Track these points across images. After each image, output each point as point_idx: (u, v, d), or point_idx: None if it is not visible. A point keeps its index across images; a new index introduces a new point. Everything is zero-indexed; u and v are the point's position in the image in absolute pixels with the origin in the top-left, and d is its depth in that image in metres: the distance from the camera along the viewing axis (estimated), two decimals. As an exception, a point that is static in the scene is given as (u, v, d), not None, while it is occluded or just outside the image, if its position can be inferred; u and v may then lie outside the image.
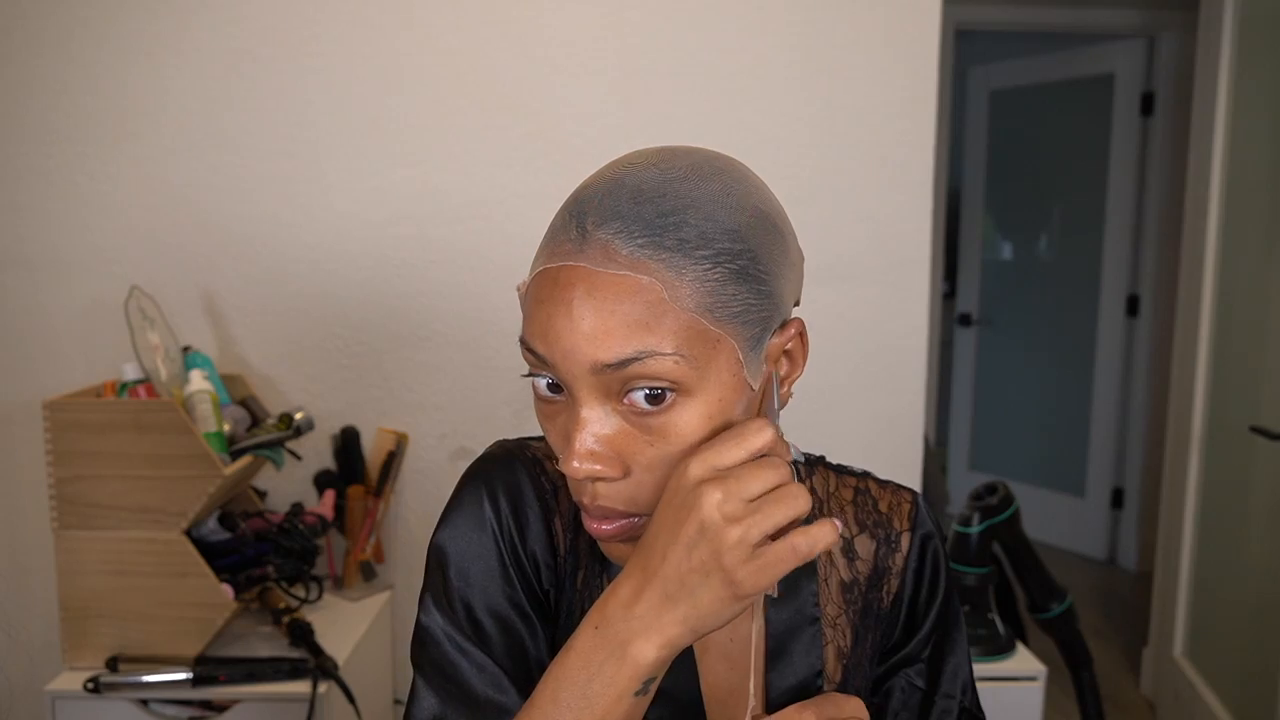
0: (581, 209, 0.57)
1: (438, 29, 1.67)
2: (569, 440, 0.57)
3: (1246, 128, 2.22)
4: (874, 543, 0.73)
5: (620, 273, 0.55)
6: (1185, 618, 2.45)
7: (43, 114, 1.64)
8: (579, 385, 0.56)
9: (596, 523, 0.59)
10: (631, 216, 0.56)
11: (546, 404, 0.60)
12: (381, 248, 1.70)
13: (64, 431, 1.35)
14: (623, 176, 0.58)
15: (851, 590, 0.72)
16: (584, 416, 0.57)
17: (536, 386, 0.60)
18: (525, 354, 0.59)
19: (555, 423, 0.60)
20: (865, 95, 1.71)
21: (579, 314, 0.55)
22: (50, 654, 1.54)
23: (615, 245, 0.55)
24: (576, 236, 0.56)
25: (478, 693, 0.64)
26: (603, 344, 0.54)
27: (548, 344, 0.56)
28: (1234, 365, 2.25)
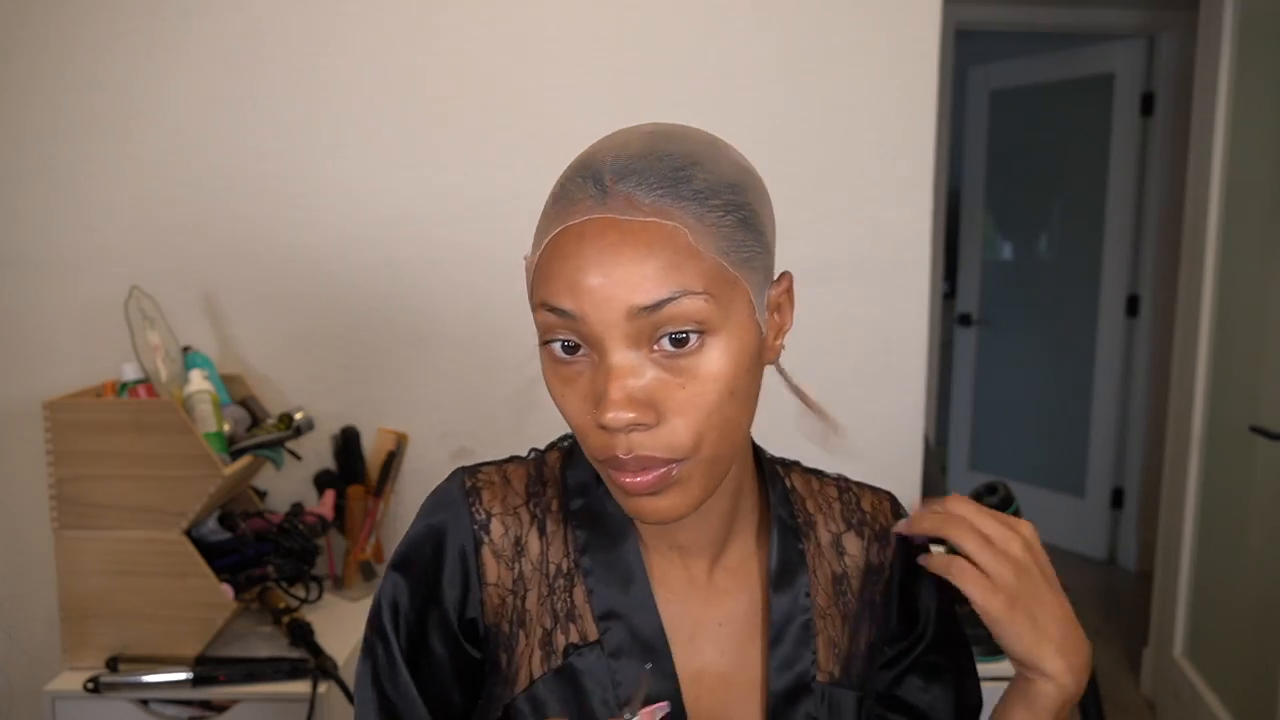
0: (595, 169, 0.59)
1: (438, 29, 1.66)
2: (603, 393, 0.57)
3: (1246, 128, 2.22)
4: (862, 540, 0.75)
5: (648, 219, 0.57)
6: (1185, 618, 2.45)
7: (43, 114, 1.64)
8: (611, 335, 0.57)
9: (632, 475, 0.59)
10: (647, 170, 0.58)
11: (564, 366, 0.60)
12: (382, 247, 1.70)
13: (64, 431, 1.35)
14: (626, 140, 0.61)
15: (841, 583, 0.74)
16: (616, 365, 0.57)
17: (551, 352, 0.60)
18: (545, 316, 0.59)
19: (575, 386, 0.60)
20: (865, 95, 1.71)
21: (612, 261, 0.56)
22: (50, 654, 1.53)
23: (637, 196, 0.58)
24: (597, 192, 0.58)
25: None
26: (639, 287, 0.56)
27: (577, 296, 0.56)
28: (1234, 365, 2.25)
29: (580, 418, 0.60)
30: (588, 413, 0.59)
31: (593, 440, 0.60)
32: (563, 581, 0.70)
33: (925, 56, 1.70)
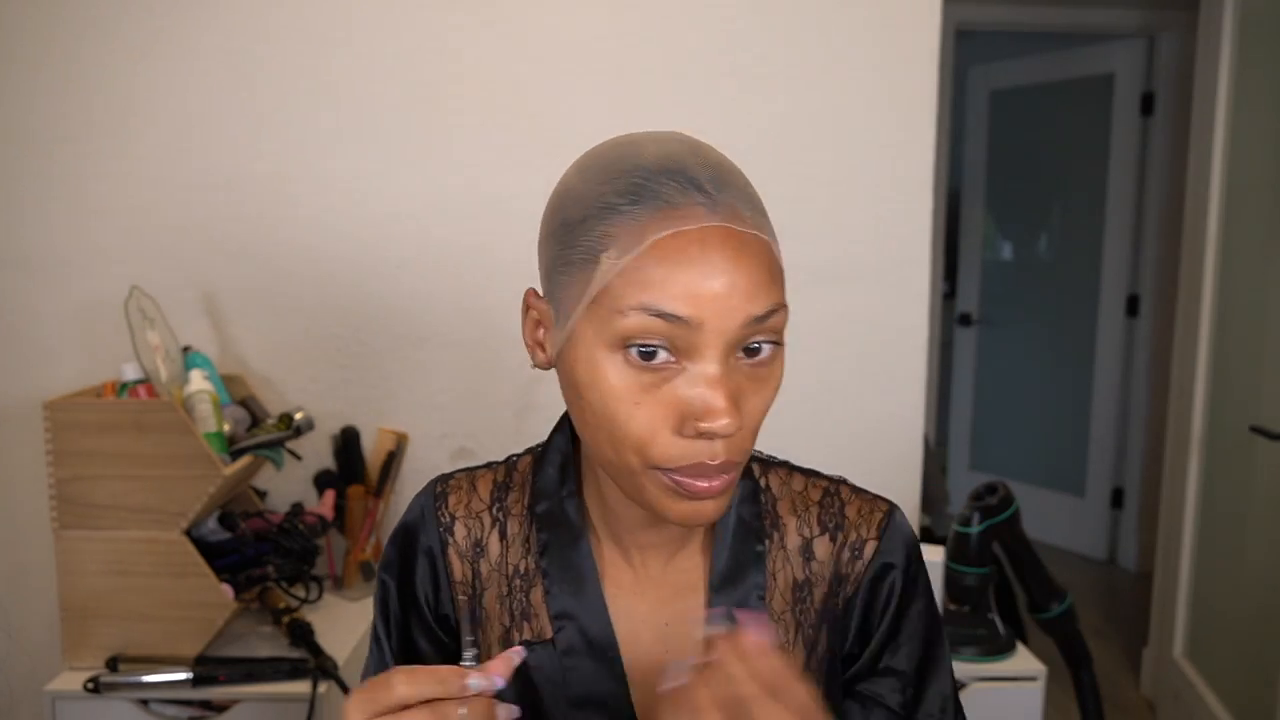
0: (688, 174, 0.59)
1: (438, 29, 1.66)
2: (708, 400, 0.57)
3: (1246, 128, 2.22)
4: (834, 546, 0.73)
5: (753, 232, 0.59)
6: (1185, 618, 2.45)
7: (43, 114, 1.64)
8: (719, 343, 0.57)
9: (707, 480, 0.60)
10: (733, 184, 0.61)
11: (643, 373, 0.58)
12: (382, 247, 1.70)
13: (64, 431, 1.35)
14: (694, 148, 0.62)
15: (803, 589, 0.72)
16: (720, 374, 0.58)
17: (628, 358, 0.58)
18: (644, 320, 0.57)
19: (654, 394, 0.59)
20: (865, 95, 1.71)
21: (735, 270, 0.57)
22: (50, 654, 1.53)
23: (739, 208, 0.59)
24: (706, 200, 0.58)
25: None
26: (754, 298, 0.58)
27: (696, 303, 0.56)
28: (1234, 365, 2.25)
29: (649, 426, 0.59)
30: (665, 420, 0.59)
31: (667, 449, 0.59)
32: (520, 582, 0.73)
33: (925, 56, 1.70)
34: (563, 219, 0.62)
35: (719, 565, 0.71)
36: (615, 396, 0.59)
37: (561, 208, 0.63)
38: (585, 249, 0.59)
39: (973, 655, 1.59)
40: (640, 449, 0.59)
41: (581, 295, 0.60)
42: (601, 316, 0.58)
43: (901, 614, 0.72)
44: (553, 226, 0.63)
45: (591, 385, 0.60)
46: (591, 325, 0.59)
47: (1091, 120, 3.58)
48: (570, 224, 0.61)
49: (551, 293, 0.63)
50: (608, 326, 0.58)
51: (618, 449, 0.60)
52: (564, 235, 0.61)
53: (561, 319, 0.62)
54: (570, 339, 0.61)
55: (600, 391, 0.59)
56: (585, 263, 0.59)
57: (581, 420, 0.63)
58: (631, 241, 0.58)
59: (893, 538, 0.73)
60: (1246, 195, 2.22)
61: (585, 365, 0.60)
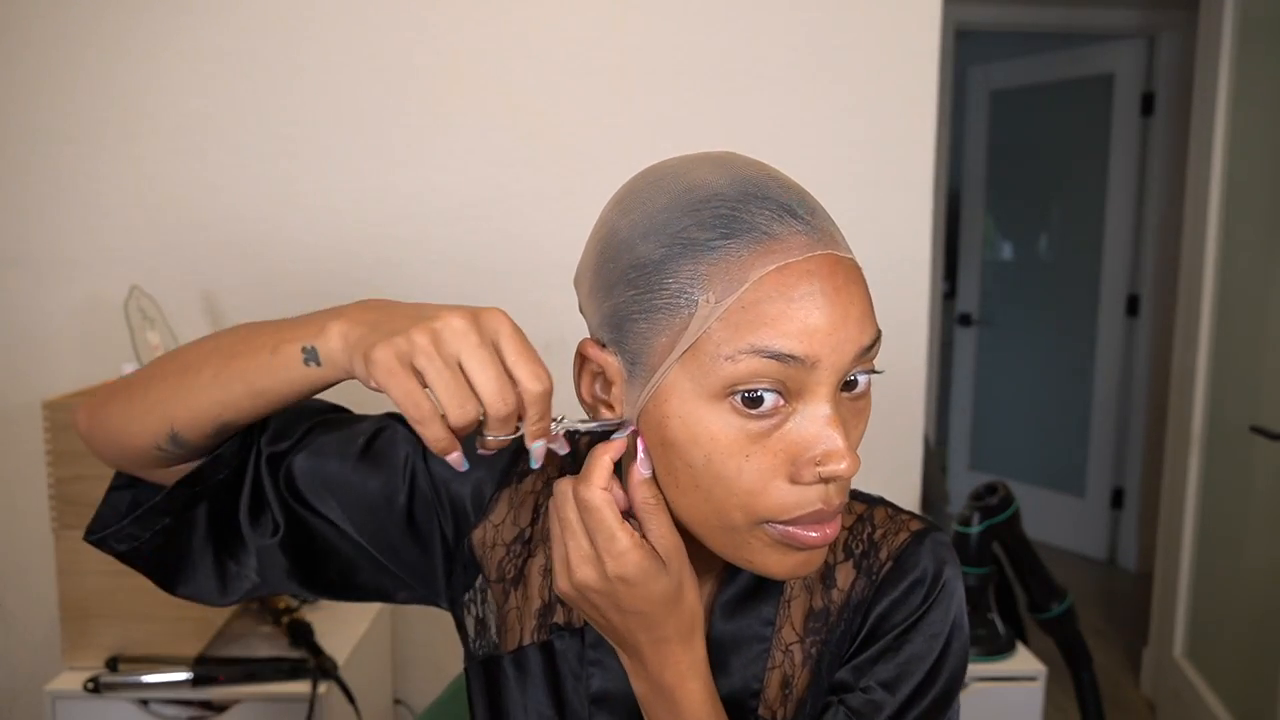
0: (778, 200, 0.55)
1: (437, 29, 1.66)
2: (829, 443, 0.54)
3: (1246, 128, 2.22)
4: (855, 573, 0.68)
5: (850, 256, 0.56)
6: (1185, 618, 2.45)
7: (43, 114, 1.64)
8: (830, 380, 0.54)
9: (819, 530, 0.56)
10: (818, 205, 0.57)
11: (753, 421, 0.54)
12: (381, 248, 1.70)
13: (64, 431, 1.35)
14: (762, 168, 0.58)
15: (819, 619, 0.68)
16: (835, 414, 0.54)
17: (735, 407, 0.54)
18: (754, 364, 0.52)
19: (764, 443, 0.54)
20: (865, 95, 1.71)
21: (846, 300, 0.54)
22: (50, 654, 1.54)
23: (833, 231, 0.56)
24: (803, 226, 0.55)
25: None
26: (865, 327, 0.55)
27: (811, 340, 0.52)
28: (1234, 365, 2.25)
29: (760, 478, 0.54)
30: (777, 470, 0.55)
31: (782, 500, 0.55)
32: (536, 584, 0.72)
33: (925, 56, 1.70)
34: (633, 260, 0.56)
35: (725, 593, 0.68)
36: (724, 452, 0.54)
37: (626, 247, 0.57)
38: (672, 292, 0.54)
39: (973, 655, 1.59)
40: (749, 504, 0.55)
41: (672, 344, 0.54)
42: (701, 364, 0.53)
43: (901, 640, 0.65)
44: (619, 269, 0.57)
45: (692, 443, 0.55)
46: (687, 375, 0.54)
47: (1091, 120, 3.58)
48: (645, 265, 0.55)
49: (622, 343, 0.57)
50: (710, 375, 0.53)
51: (721, 508, 0.56)
52: (638, 278, 0.56)
53: (641, 371, 0.57)
54: (658, 394, 0.56)
55: (704, 449, 0.54)
56: (673, 307, 0.54)
57: (672, 481, 0.57)
58: (732, 280, 0.53)
59: (908, 561, 0.67)
60: (1246, 195, 2.22)
61: (683, 421, 0.55)
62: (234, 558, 0.71)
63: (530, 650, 0.71)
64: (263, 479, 0.70)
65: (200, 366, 0.63)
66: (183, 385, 0.63)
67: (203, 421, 0.63)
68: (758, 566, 0.58)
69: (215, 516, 0.71)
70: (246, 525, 0.71)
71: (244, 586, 0.71)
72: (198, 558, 0.71)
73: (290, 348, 0.59)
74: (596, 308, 0.60)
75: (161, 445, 0.64)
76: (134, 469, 0.69)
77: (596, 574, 0.57)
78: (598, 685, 0.69)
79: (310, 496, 0.71)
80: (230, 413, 0.63)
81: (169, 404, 0.63)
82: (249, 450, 0.70)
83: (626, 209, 0.59)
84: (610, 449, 0.57)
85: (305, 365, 0.59)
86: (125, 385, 0.66)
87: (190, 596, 0.72)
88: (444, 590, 0.74)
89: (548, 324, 1.80)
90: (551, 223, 1.70)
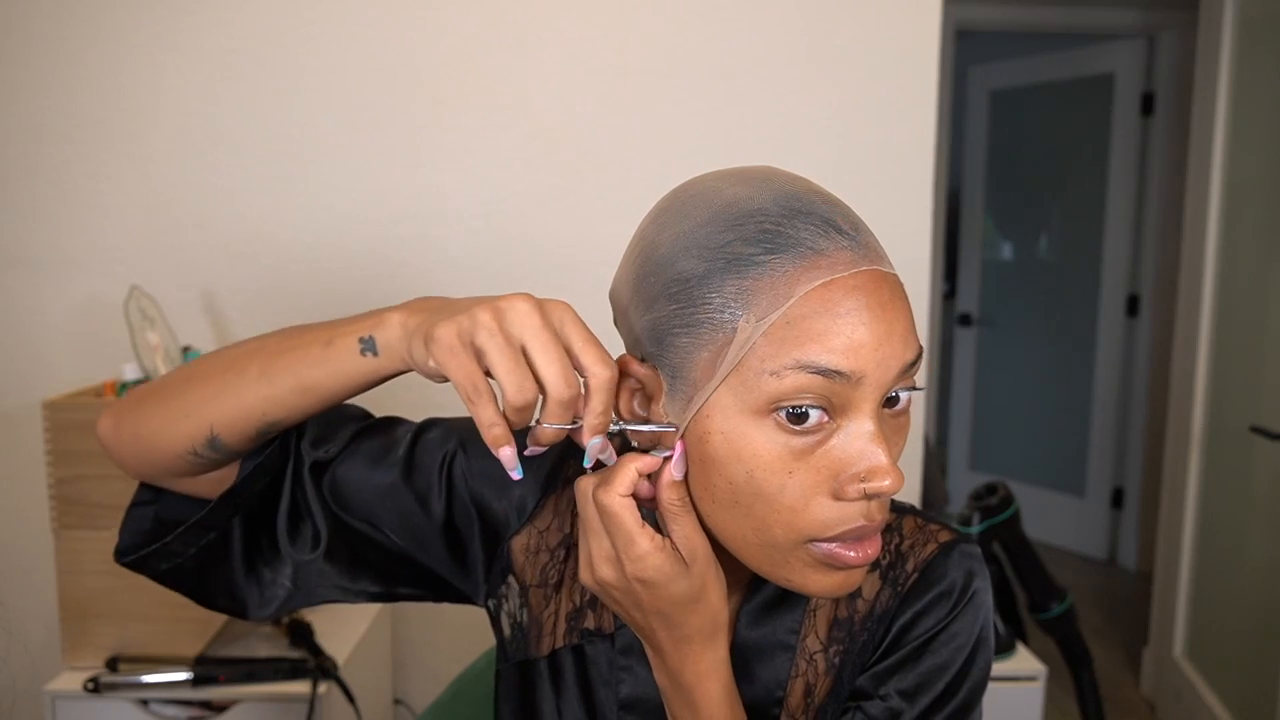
0: (822, 215, 0.55)
1: (437, 29, 1.67)
2: (873, 459, 0.53)
3: (1246, 128, 2.22)
4: (881, 584, 0.67)
5: (894, 273, 0.55)
6: (1185, 618, 2.45)
7: (42, 114, 1.64)
8: (875, 396, 0.53)
9: (859, 550, 0.55)
10: (861, 221, 0.57)
11: (796, 438, 0.53)
12: (381, 248, 1.70)
13: (64, 431, 1.35)
14: (811, 187, 0.58)
15: (842, 628, 0.67)
16: (879, 430, 0.54)
17: (780, 423, 0.53)
18: (800, 379, 0.52)
19: (807, 460, 0.54)
20: (865, 95, 1.71)
21: (892, 316, 0.53)
22: (50, 654, 1.53)
23: (877, 247, 0.56)
24: (849, 242, 0.54)
25: None
26: (909, 343, 0.54)
27: (857, 356, 0.52)
28: (1234, 365, 2.25)
29: (803, 496, 0.54)
30: (820, 487, 0.54)
31: (825, 517, 0.54)
32: (571, 589, 0.72)
33: (925, 56, 1.70)
34: (675, 275, 0.55)
35: (751, 601, 0.68)
36: (767, 469, 0.53)
37: (667, 262, 0.56)
38: (715, 307, 0.53)
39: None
40: (792, 522, 0.54)
41: (715, 359, 0.54)
42: (745, 380, 0.53)
43: (923, 650, 0.65)
44: (660, 284, 0.56)
45: (735, 459, 0.54)
46: (730, 391, 0.53)
47: (1091, 120, 3.58)
48: (687, 280, 0.55)
49: (663, 357, 0.56)
50: (755, 390, 0.52)
51: (763, 525, 0.55)
52: (679, 293, 0.55)
53: (683, 386, 0.56)
54: (700, 410, 0.55)
55: (747, 465, 0.54)
56: (716, 323, 0.53)
57: (711, 497, 0.56)
58: (778, 295, 0.52)
59: (934, 573, 0.66)
60: (1246, 195, 2.22)
61: (726, 437, 0.54)
62: (269, 565, 0.71)
63: (564, 653, 0.71)
64: (304, 487, 0.70)
65: (245, 365, 0.62)
66: (225, 384, 0.62)
67: (246, 421, 0.62)
68: (796, 585, 0.57)
69: (250, 526, 0.70)
70: (285, 538, 0.70)
71: (279, 595, 0.71)
72: (237, 571, 0.70)
73: (346, 339, 0.59)
74: (636, 321, 0.59)
75: (198, 450, 0.64)
76: (160, 477, 0.68)
77: (617, 574, 0.58)
78: (627, 692, 0.69)
79: (356, 506, 0.71)
80: (277, 410, 0.62)
81: (210, 404, 0.62)
82: (288, 458, 0.70)
83: (665, 224, 0.58)
84: (640, 461, 0.57)
85: (361, 356, 0.59)
86: (158, 388, 0.65)
87: (230, 610, 0.72)
88: (483, 590, 0.74)
89: (548, 324, 1.80)
90: (551, 223, 1.71)
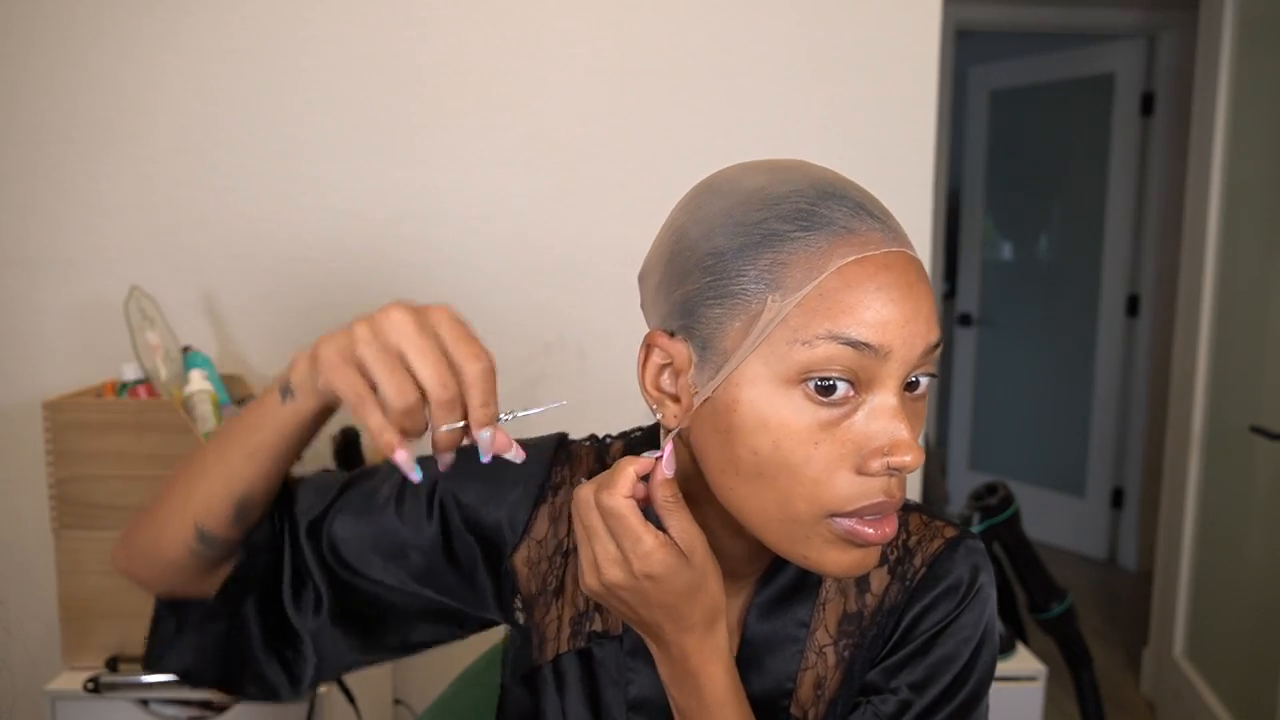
0: (855, 200, 0.57)
1: (437, 28, 1.66)
2: (894, 434, 0.55)
3: (1246, 128, 2.22)
4: (890, 578, 0.69)
5: (920, 259, 0.58)
6: (1185, 618, 2.45)
7: (42, 114, 1.64)
8: (900, 373, 0.55)
9: (878, 526, 0.56)
10: (891, 215, 0.59)
11: (823, 409, 0.55)
12: (382, 248, 1.70)
13: (64, 431, 1.35)
14: (840, 176, 0.60)
15: (852, 622, 0.69)
16: (901, 406, 0.55)
17: (808, 393, 0.54)
18: (831, 350, 0.53)
19: (833, 432, 0.55)
20: (865, 95, 1.71)
21: (919, 296, 0.56)
22: (50, 654, 1.53)
23: (906, 237, 0.58)
24: (881, 225, 0.56)
25: None
26: (933, 325, 0.56)
27: (885, 331, 0.54)
28: (1234, 365, 2.25)
29: (827, 467, 0.55)
30: (844, 460, 0.55)
31: (847, 490, 0.55)
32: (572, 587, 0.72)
33: (925, 56, 1.70)
34: (709, 249, 0.57)
35: (762, 595, 0.69)
36: (794, 438, 0.54)
37: (703, 238, 0.57)
38: (750, 278, 0.55)
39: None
40: (815, 495, 0.55)
41: (746, 329, 0.55)
42: (775, 349, 0.54)
43: (931, 644, 0.67)
44: (694, 259, 0.58)
45: (762, 428, 0.55)
46: (761, 360, 0.55)
47: (1091, 120, 3.58)
48: (723, 253, 0.56)
49: (693, 329, 0.57)
50: (785, 360, 0.54)
51: (786, 497, 0.56)
52: (714, 265, 0.56)
53: (712, 357, 0.57)
54: (728, 379, 0.56)
55: (774, 434, 0.55)
56: (751, 293, 0.55)
57: (734, 469, 0.57)
58: (812, 268, 0.54)
59: (941, 568, 0.68)
60: (1246, 195, 2.22)
61: (754, 406, 0.55)
62: (290, 645, 0.72)
63: (568, 658, 0.72)
64: (302, 550, 0.71)
65: (202, 457, 0.65)
66: (193, 477, 0.65)
67: (220, 505, 0.64)
68: (813, 562, 0.58)
69: (263, 610, 0.71)
70: (291, 610, 0.71)
71: (308, 672, 0.72)
72: (259, 655, 0.71)
73: (270, 394, 0.61)
74: (665, 298, 0.60)
75: (193, 547, 0.66)
76: (179, 585, 0.70)
77: (624, 574, 0.58)
78: (636, 692, 0.70)
79: (356, 561, 0.71)
80: (238, 484, 0.64)
81: (187, 501, 0.65)
82: (282, 534, 0.71)
83: (698, 206, 0.60)
84: (637, 462, 0.58)
85: (282, 404, 0.61)
86: (149, 505, 0.69)
87: (261, 697, 0.72)
88: (496, 608, 0.75)
89: (548, 324, 1.80)
90: (551, 222, 1.70)
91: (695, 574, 0.59)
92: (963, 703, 0.67)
